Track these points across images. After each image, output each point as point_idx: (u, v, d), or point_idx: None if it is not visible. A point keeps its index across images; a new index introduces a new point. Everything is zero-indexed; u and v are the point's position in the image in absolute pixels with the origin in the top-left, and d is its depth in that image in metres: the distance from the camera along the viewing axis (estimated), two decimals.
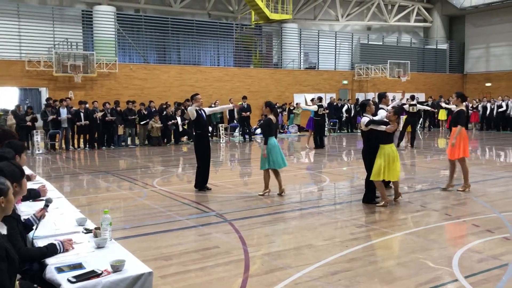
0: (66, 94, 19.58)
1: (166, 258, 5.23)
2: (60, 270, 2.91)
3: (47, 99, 17.63)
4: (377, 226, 6.54)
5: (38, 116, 16.96)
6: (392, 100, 21.59)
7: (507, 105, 23.87)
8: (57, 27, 20.96)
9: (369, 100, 8.38)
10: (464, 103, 8.79)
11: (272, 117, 8.50)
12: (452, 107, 20.30)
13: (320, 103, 16.77)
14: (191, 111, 8.93)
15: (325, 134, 20.00)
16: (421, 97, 27.26)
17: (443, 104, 20.91)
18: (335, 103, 24.49)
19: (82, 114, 17.01)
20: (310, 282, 4.51)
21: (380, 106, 8.85)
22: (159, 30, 23.21)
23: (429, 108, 20.58)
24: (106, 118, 17.36)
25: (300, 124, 24.74)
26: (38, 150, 16.15)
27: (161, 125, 18.54)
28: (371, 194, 7.81)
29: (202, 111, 9.15)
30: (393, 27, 32.90)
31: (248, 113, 20.27)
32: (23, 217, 3.69)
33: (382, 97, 9.17)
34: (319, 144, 16.64)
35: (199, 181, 9.10)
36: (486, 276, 4.57)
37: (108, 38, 21.80)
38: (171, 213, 7.36)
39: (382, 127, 7.32)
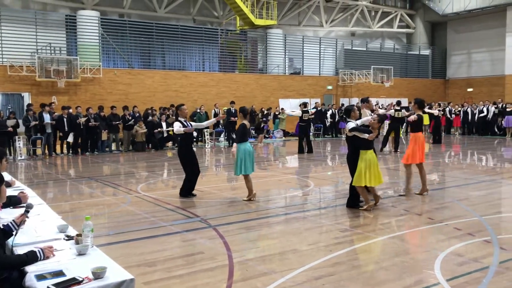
0: (49, 99, 19.37)
1: (150, 264, 5.19)
2: (40, 277, 2.87)
3: (28, 105, 17.37)
4: (361, 230, 6.58)
5: (20, 121, 16.75)
6: (375, 105, 21.78)
7: (487, 110, 24.24)
8: (40, 31, 20.75)
9: (353, 105, 8.46)
10: (421, 110, 9.03)
11: (246, 122, 8.55)
12: (435, 112, 20.55)
13: (306, 109, 16.84)
14: (178, 130, 8.76)
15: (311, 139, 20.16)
16: (404, 102, 27.56)
17: (426, 109, 21.06)
18: (319, 108, 24.65)
19: (65, 120, 16.83)
20: (294, 287, 4.51)
21: (363, 110, 8.94)
22: (144, 35, 23.14)
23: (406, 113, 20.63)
24: (90, 123, 17.20)
25: (286, 129, 24.83)
26: (20, 156, 15.94)
27: (146, 130, 18.42)
28: (355, 199, 7.87)
29: (189, 124, 9.09)
30: (377, 33, 33.27)
31: (236, 118, 20.27)
32: (2, 223, 3.63)
33: (365, 101, 9.25)
34: (304, 149, 16.68)
35: (184, 189, 9.05)
36: (467, 279, 4.63)
37: (92, 43, 21.67)
38: (155, 219, 7.31)
39: (365, 135, 7.40)
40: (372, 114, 9.28)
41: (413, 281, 4.60)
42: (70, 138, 16.90)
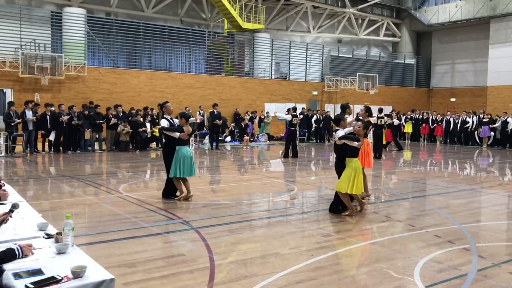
0: (32, 96, 19.12)
1: (130, 265, 5.14)
2: (17, 276, 2.81)
3: (9, 103, 16.98)
4: (343, 236, 6.61)
5: (0, 117, 16.47)
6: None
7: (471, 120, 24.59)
8: (24, 27, 20.48)
9: (343, 114, 8.54)
10: (370, 117, 9.27)
11: (188, 127, 8.60)
12: (395, 121, 20.70)
13: (295, 113, 16.92)
14: (173, 134, 8.63)
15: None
16: (388, 109, 27.89)
17: (396, 121, 20.99)
18: (305, 113, 24.76)
19: (48, 117, 16.60)
20: None
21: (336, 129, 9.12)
22: (130, 35, 23.00)
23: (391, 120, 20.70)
24: (73, 122, 16.99)
25: (270, 133, 24.91)
26: (0, 153, 15.67)
27: (131, 130, 18.25)
28: (338, 204, 7.90)
29: (174, 121, 9.02)
30: (363, 41, 33.58)
31: (221, 121, 20.27)
32: None
33: (345, 108, 9.37)
34: (291, 154, 16.71)
35: (167, 190, 8.99)
36: (446, 286, 4.68)
37: (77, 40, 21.46)
38: (136, 219, 7.25)
39: (355, 143, 7.45)
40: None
41: (393, 287, 4.63)
42: (52, 136, 16.68)
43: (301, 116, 21.87)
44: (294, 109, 17.25)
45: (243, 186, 10.95)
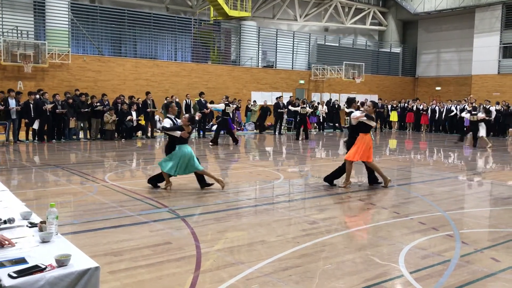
0: (14, 84, 18.80)
1: (116, 253, 5.12)
2: (0, 265, 2.78)
3: None
4: (329, 223, 6.66)
5: None
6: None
7: (456, 109, 24.86)
8: (6, 14, 20.07)
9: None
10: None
11: (189, 128, 8.61)
12: (298, 109, 20.85)
13: (227, 101, 17.48)
14: (174, 132, 8.60)
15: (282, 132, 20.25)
16: (374, 98, 28.02)
17: (290, 107, 21.07)
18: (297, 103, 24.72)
19: (31, 106, 16.36)
20: (261, 277, 4.54)
21: (349, 110, 9.69)
22: (115, 22, 22.68)
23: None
24: (57, 110, 16.77)
25: (257, 122, 24.87)
26: None
27: (117, 118, 18.08)
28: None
29: (177, 121, 9.00)
30: (349, 29, 33.58)
31: (208, 110, 20.16)
32: None
33: (351, 102, 9.78)
34: (217, 142, 17.08)
35: (154, 179, 8.95)
36: (429, 271, 4.75)
37: (61, 28, 21.09)
38: (122, 208, 7.21)
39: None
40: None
41: (378, 273, 4.69)
42: (36, 125, 16.45)
43: (234, 106, 21.49)
44: (227, 98, 18.05)
45: (230, 175, 10.95)
